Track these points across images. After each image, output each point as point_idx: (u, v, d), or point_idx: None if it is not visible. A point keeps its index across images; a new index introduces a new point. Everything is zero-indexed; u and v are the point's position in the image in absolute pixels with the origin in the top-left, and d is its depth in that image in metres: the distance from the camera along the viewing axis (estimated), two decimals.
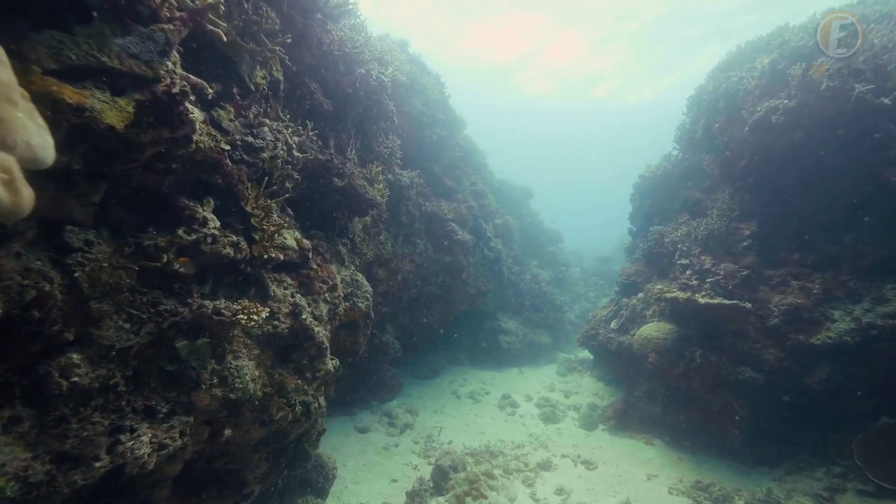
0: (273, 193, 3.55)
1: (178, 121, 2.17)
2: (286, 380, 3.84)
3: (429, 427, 9.26)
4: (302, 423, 4.27)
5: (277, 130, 3.50)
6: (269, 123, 3.45)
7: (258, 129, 3.28)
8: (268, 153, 3.27)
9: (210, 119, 2.94)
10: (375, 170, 5.74)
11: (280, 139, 3.49)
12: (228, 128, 2.97)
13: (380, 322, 9.64)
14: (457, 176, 11.69)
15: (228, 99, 3.10)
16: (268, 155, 3.29)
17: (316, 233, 5.40)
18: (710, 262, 7.04)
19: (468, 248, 11.31)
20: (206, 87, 2.49)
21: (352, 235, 6.21)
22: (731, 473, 7.24)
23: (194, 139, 2.36)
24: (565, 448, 8.41)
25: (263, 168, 3.37)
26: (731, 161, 7.04)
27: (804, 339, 6.20)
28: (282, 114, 3.74)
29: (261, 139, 3.26)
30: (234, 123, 3.04)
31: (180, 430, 2.92)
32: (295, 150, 3.81)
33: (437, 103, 10.22)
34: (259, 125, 3.30)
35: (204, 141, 2.65)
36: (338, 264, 5.63)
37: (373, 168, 5.73)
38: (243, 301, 3.08)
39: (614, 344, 9.52)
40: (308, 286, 4.37)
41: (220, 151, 2.88)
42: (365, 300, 5.65)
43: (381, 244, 8.67)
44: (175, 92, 2.06)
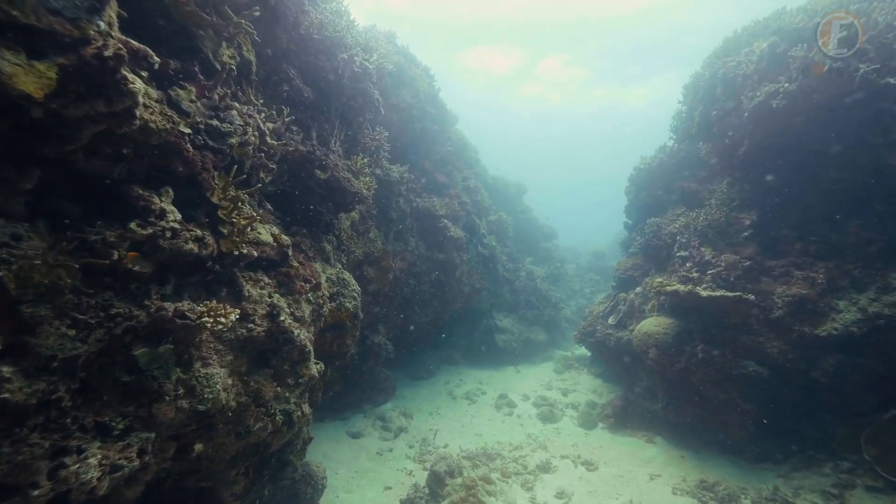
0: (244, 184, 3.23)
1: (115, 92, 1.86)
2: (264, 387, 3.53)
3: (424, 430, 8.97)
4: (284, 433, 3.96)
5: (248, 115, 3.18)
6: (238, 107, 3.13)
7: (225, 113, 2.97)
8: (236, 139, 2.96)
9: (168, 99, 2.62)
10: (361, 162, 5.43)
11: (251, 124, 3.18)
12: (189, 109, 2.65)
13: (371, 323, 9.33)
14: (449, 171, 11.40)
15: (190, 78, 2.79)
16: (236, 141, 2.97)
17: (298, 229, 5.08)
18: (710, 254, 6.82)
19: (461, 245, 11.03)
20: (150, 54, 2.17)
21: (338, 232, 5.90)
22: (735, 470, 7.03)
23: (137, 115, 2.04)
24: (565, 448, 8.17)
25: (232, 155, 3.06)
26: (730, 149, 6.83)
27: (809, 330, 5.99)
28: (254, 97, 3.42)
29: (228, 123, 2.94)
30: (195, 105, 2.72)
31: (139, 448, 2.60)
32: (269, 136, 3.49)
33: (426, 96, 9.91)
34: (226, 108, 2.98)
35: (156, 121, 2.33)
36: (323, 262, 5.32)
37: (358, 160, 5.42)
38: (209, 302, 2.76)
39: (612, 340, 9.30)
40: (288, 285, 4.06)
41: (179, 135, 2.56)
42: (352, 300, 5.35)
43: (371, 242, 8.36)
44: (108, 55, 1.74)
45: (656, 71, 39.44)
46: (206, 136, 2.78)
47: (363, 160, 5.45)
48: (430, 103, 10.13)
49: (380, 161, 7.10)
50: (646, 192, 10.38)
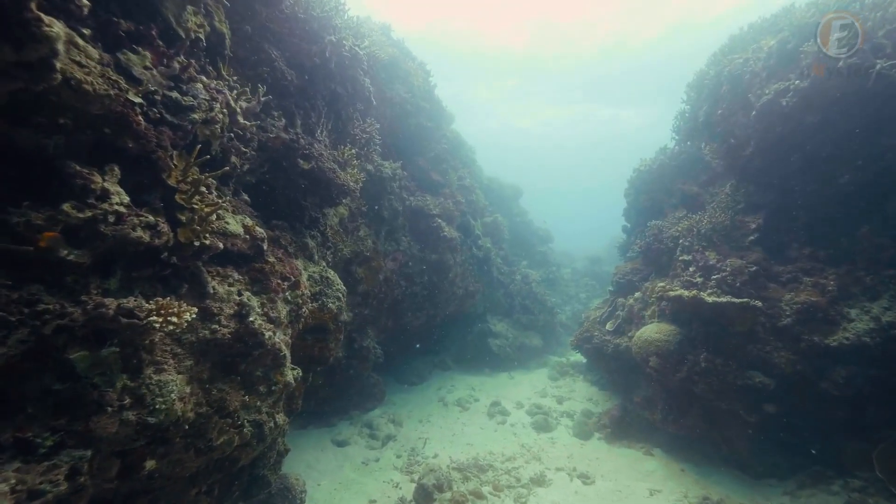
0: (210, 167, 2.87)
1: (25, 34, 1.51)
2: (229, 396, 3.15)
3: (413, 438, 8.58)
4: (254, 446, 3.58)
5: (216, 90, 2.83)
6: (204, 81, 2.78)
7: (188, 86, 2.61)
8: (199, 114, 2.60)
9: (116, 64, 2.26)
10: (348, 153, 5.08)
11: (219, 101, 2.83)
12: (141, 77, 2.30)
13: (360, 326, 8.95)
14: (443, 170, 11.07)
15: (145, 43, 2.43)
16: (199, 117, 2.62)
17: (279, 223, 4.72)
18: (714, 258, 6.53)
19: (455, 246, 10.69)
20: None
21: (323, 228, 5.53)
22: (738, 486, 6.71)
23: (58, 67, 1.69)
24: (560, 460, 7.82)
25: (195, 134, 2.70)
26: (735, 149, 6.56)
27: (819, 340, 5.70)
28: (226, 73, 3.07)
29: (191, 97, 2.59)
30: (150, 73, 2.37)
31: (70, 469, 2.22)
32: (241, 116, 3.14)
33: (421, 91, 9.60)
34: (190, 81, 2.63)
35: (95, 84, 1.98)
36: (305, 259, 4.95)
37: (345, 151, 5.07)
38: (160, 299, 2.40)
39: (610, 347, 8.98)
40: (263, 283, 3.69)
41: (128, 104, 2.21)
42: (336, 300, 4.98)
43: (361, 240, 8.00)
44: None
45: (648, 97, 40.28)
46: (162, 110, 2.42)
47: (351, 151, 5.10)
48: (425, 99, 9.81)
49: (371, 156, 6.75)
50: (645, 195, 10.11)
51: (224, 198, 3.24)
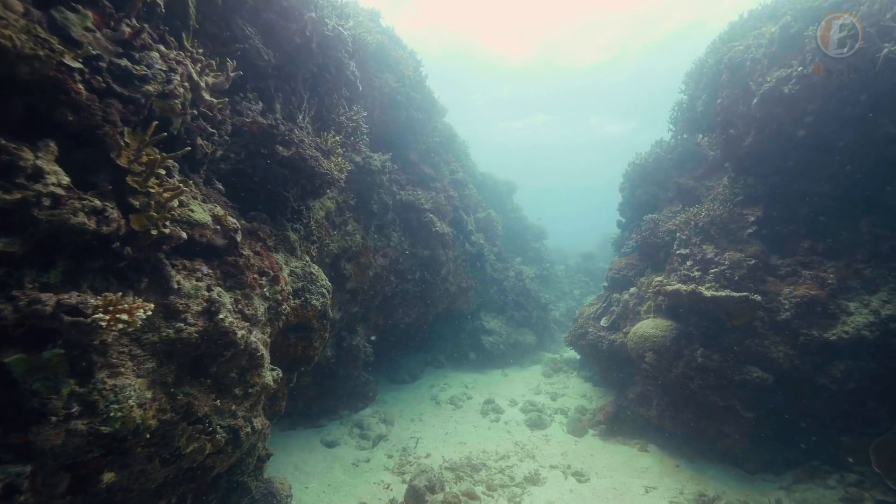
0: (172, 148, 2.59)
1: None
2: (197, 401, 2.89)
3: (405, 438, 8.36)
4: (229, 453, 3.32)
5: (176, 61, 2.54)
6: (162, 50, 2.49)
7: (141, 54, 2.33)
8: (154, 86, 2.32)
9: (50, 22, 1.97)
10: (332, 140, 4.80)
11: (179, 73, 2.54)
12: (81, 39, 2.01)
13: (349, 324, 8.69)
14: (435, 163, 10.80)
15: (88, 2, 2.14)
16: (154, 90, 2.34)
17: (257, 214, 4.44)
18: (712, 251, 6.36)
19: (448, 242, 10.44)
20: None
21: (306, 221, 5.26)
22: (734, 482, 6.59)
23: None
24: (554, 457, 7.65)
25: (150, 108, 2.42)
26: (735, 140, 6.37)
27: (818, 334, 5.56)
28: (189, 44, 2.78)
29: (144, 66, 2.31)
30: (93, 36, 2.08)
31: (5, 487, 1.96)
32: (206, 92, 2.86)
33: (411, 81, 9.30)
34: (143, 48, 2.34)
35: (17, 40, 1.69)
36: (286, 254, 4.68)
37: (328, 137, 4.79)
38: (109, 294, 2.12)
39: (605, 343, 8.81)
40: (237, 278, 3.42)
41: (63, 69, 1.93)
42: (321, 297, 4.72)
43: (349, 235, 7.72)
44: None
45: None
46: (109, 79, 2.14)
47: (335, 138, 4.82)
48: (415, 89, 9.52)
49: (358, 146, 6.47)
50: (641, 189, 9.94)
51: (189, 183, 2.96)
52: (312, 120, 5.41)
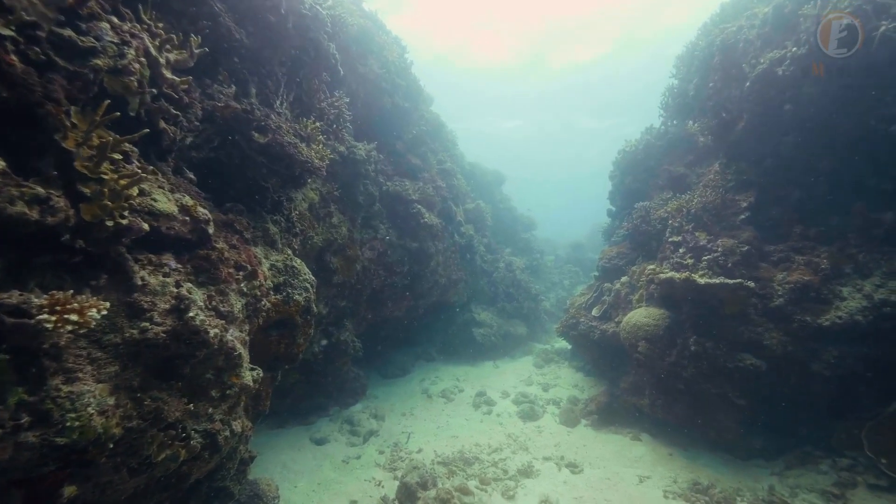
0: (131, 132, 2.35)
1: None
2: (168, 406, 2.68)
3: (396, 433, 8.22)
4: (206, 459, 3.12)
5: (130, 34, 2.29)
6: (114, 21, 2.24)
7: (89, 24, 2.08)
8: (104, 61, 2.08)
9: None
10: (312, 126, 4.55)
11: (135, 47, 2.29)
12: (13, 4, 1.76)
13: (337, 319, 8.48)
14: (422, 153, 10.55)
15: None
16: (105, 64, 2.09)
17: (234, 206, 4.19)
18: (705, 238, 6.28)
19: (437, 234, 10.25)
20: None
21: (287, 212, 5.02)
22: (726, 468, 6.59)
23: None
24: (547, 449, 7.59)
25: (102, 86, 2.17)
26: (727, 124, 6.27)
27: (811, 320, 5.53)
28: (147, 17, 2.53)
29: (92, 38, 2.06)
30: (27, 1, 1.83)
31: None
32: (167, 70, 2.61)
33: (396, 67, 9.02)
34: (91, 18, 2.09)
35: None
36: (266, 247, 4.45)
37: (308, 124, 4.54)
38: (56, 293, 1.90)
39: (597, 333, 8.75)
40: (210, 273, 3.19)
41: None
42: (304, 291, 4.51)
43: (335, 228, 7.48)
44: None
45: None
46: (50, 50, 1.89)
47: (315, 124, 4.57)
48: (401, 76, 9.24)
49: (341, 134, 6.21)
50: (631, 177, 9.84)
51: (154, 171, 2.72)
52: (291, 106, 5.15)
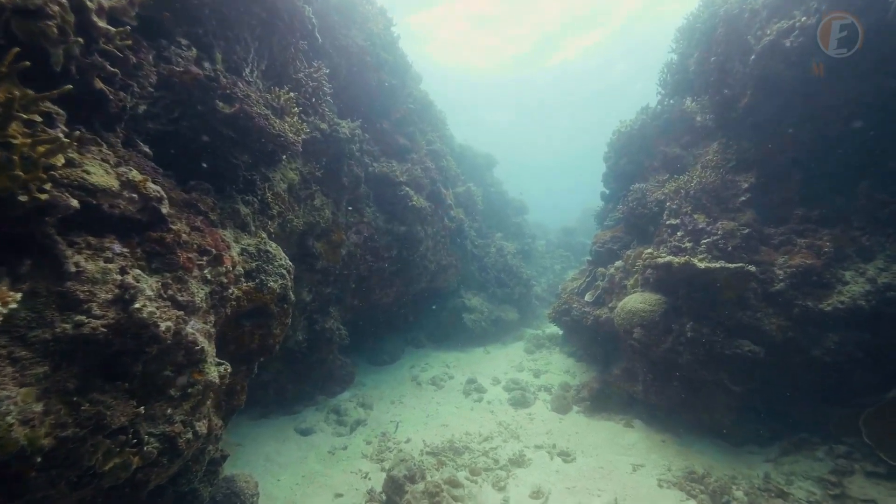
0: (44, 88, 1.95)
1: None
2: (112, 410, 2.34)
3: (384, 422, 8.01)
4: (165, 464, 2.81)
5: None
6: None
7: None
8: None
9: None
10: (286, 97, 4.14)
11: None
12: None
13: (322, 306, 8.14)
14: (411, 133, 10.10)
15: None
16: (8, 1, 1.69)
17: (198, 184, 3.79)
18: (704, 221, 6.04)
19: (426, 217, 9.89)
20: None
21: (262, 193, 4.62)
22: (720, 455, 6.49)
23: None
24: (539, 437, 7.44)
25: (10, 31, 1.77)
26: (729, 101, 5.97)
27: (813, 305, 5.35)
28: None
29: None
30: None
31: None
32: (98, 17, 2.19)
33: (382, 41, 8.50)
34: None
35: None
36: (236, 230, 4.07)
37: (282, 94, 4.12)
38: None
39: (590, 319, 8.56)
40: (165, 258, 2.83)
41: None
42: (279, 278, 4.16)
43: (317, 210, 7.07)
44: None
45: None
46: None
47: (288, 95, 4.15)
48: (387, 51, 8.73)
49: (321, 110, 5.78)
50: (626, 159, 9.54)
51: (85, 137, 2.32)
52: (264, 76, 4.71)
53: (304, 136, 4.18)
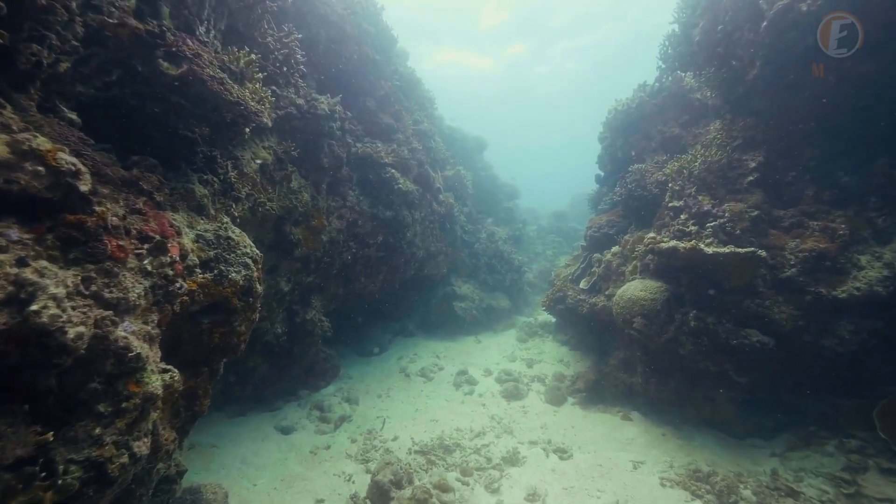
0: None
1: None
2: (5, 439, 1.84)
3: (371, 418, 7.60)
4: (92, 496, 2.32)
5: None
6: None
7: None
8: None
9: None
10: (246, 59, 3.56)
11: None
12: None
13: (302, 296, 7.63)
14: (396, 112, 9.49)
15: None
16: None
17: (142, 159, 3.23)
18: (709, 203, 5.64)
19: (413, 201, 9.36)
20: None
21: (224, 171, 4.06)
22: (723, 450, 6.22)
23: None
24: (533, 432, 7.11)
25: None
26: (737, 73, 5.52)
27: (826, 292, 5.00)
28: None
29: None
30: None
31: None
32: None
33: (365, 11, 7.84)
34: None
35: None
36: (191, 213, 3.53)
37: (242, 55, 3.54)
38: None
39: (585, 307, 8.19)
40: (87, 246, 2.30)
41: None
42: (242, 269, 3.63)
43: (294, 194, 6.50)
44: None
45: None
46: None
47: (249, 57, 3.57)
48: (370, 22, 8.07)
49: (295, 81, 5.18)
50: (623, 139, 9.09)
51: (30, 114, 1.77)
52: (224, 38, 4.11)
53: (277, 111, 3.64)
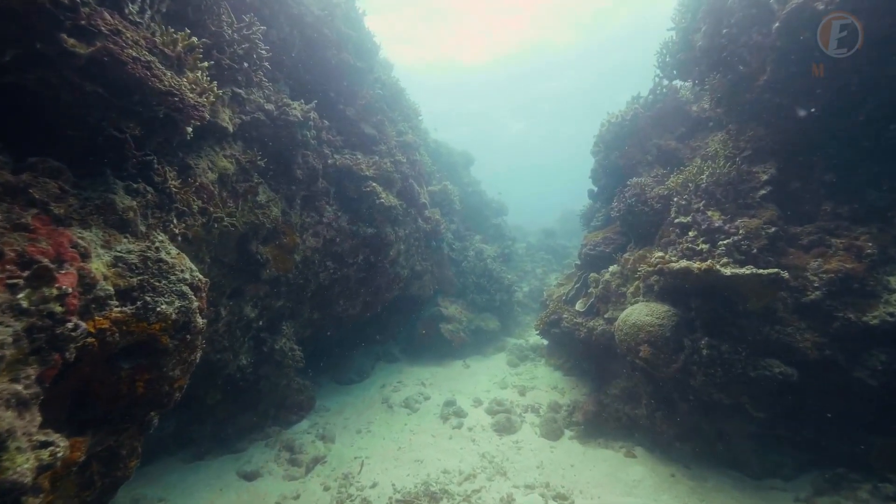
0: None
1: None
2: None
3: (347, 459, 6.78)
4: None
5: None
6: None
7: None
8: None
9: None
10: (185, 42, 2.92)
11: None
12: None
13: (271, 322, 6.85)
14: (378, 122, 8.93)
15: None
16: None
17: (41, 161, 2.53)
18: (720, 219, 5.15)
19: (396, 217, 8.73)
20: None
21: (162, 179, 3.37)
22: (740, 493, 5.57)
23: None
24: (529, 472, 6.38)
25: None
26: (745, 79, 5.11)
27: (855, 317, 4.49)
28: None
29: None
30: None
31: None
32: None
33: (344, 14, 7.33)
34: None
35: None
36: (109, 229, 2.81)
37: (179, 37, 2.90)
38: None
39: (583, 331, 7.58)
40: None
41: None
42: (177, 298, 2.91)
43: (261, 208, 5.81)
44: None
45: None
46: None
47: (189, 40, 2.94)
48: (350, 26, 7.55)
49: (258, 79, 4.55)
50: (617, 152, 8.67)
51: None
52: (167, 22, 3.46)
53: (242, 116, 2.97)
